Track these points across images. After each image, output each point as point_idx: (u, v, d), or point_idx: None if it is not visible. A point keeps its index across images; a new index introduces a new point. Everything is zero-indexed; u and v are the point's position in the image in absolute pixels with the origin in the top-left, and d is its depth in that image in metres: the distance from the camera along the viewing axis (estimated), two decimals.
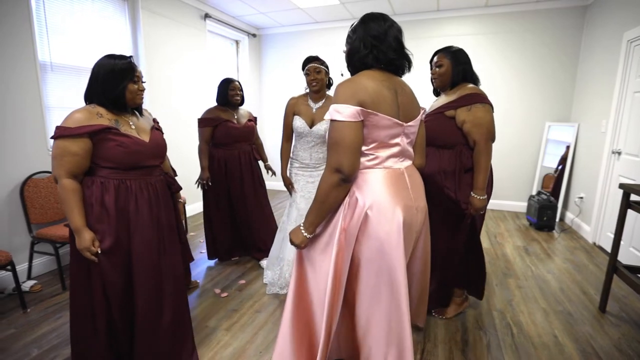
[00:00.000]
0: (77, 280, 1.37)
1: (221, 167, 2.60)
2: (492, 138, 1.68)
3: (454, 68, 1.76)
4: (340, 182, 1.08)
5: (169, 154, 3.52)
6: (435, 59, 1.82)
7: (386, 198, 1.12)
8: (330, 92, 2.27)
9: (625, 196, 1.98)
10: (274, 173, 2.87)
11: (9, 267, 2.02)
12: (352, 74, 1.19)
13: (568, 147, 3.76)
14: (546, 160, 4.04)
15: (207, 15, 4.04)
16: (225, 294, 2.27)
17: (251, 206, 2.68)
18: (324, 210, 1.13)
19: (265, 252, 2.70)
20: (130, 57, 1.39)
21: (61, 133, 1.26)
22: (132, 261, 1.38)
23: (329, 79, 2.20)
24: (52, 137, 1.29)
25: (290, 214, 2.23)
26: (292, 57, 5.04)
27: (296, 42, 5.01)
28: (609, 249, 2.96)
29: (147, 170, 1.44)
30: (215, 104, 2.63)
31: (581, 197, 3.49)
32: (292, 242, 1.22)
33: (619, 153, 2.92)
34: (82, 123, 1.27)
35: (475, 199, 1.69)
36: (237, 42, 4.98)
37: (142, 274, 1.39)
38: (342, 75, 2.29)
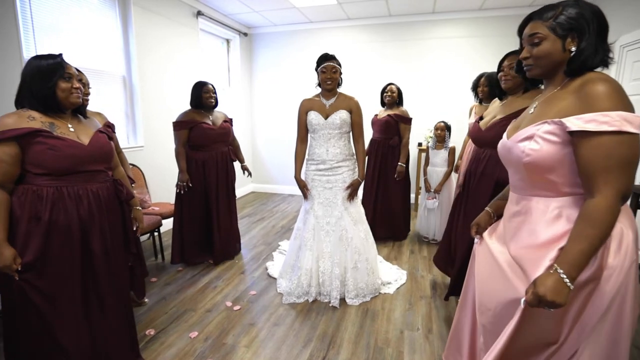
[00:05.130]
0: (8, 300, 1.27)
1: (199, 168, 2.61)
2: None
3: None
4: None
5: (161, 155, 3.43)
6: (505, 62, 1.72)
7: (636, 225, 0.92)
8: (340, 89, 2.25)
9: (635, 197, 2.05)
10: (250, 174, 2.93)
11: None
12: (566, 75, 0.96)
13: None
14: None
15: (199, 13, 3.88)
16: (238, 307, 2.16)
17: (223, 208, 2.72)
18: (599, 247, 0.84)
19: (226, 256, 2.81)
20: (60, 55, 1.29)
21: None
22: (61, 275, 1.29)
23: (340, 78, 2.20)
24: None
25: (307, 221, 2.15)
26: (284, 57, 4.93)
27: (288, 41, 4.89)
28: None
29: (89, 175, 1.33)
30: (189, 107, 2.64)
31: None
32: (552, 304, 0.82)
33: None
34: (9, 127, 1.17)
35: None
36: (227, 41, 4.81)
37: (68, 286, 1.30)
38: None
